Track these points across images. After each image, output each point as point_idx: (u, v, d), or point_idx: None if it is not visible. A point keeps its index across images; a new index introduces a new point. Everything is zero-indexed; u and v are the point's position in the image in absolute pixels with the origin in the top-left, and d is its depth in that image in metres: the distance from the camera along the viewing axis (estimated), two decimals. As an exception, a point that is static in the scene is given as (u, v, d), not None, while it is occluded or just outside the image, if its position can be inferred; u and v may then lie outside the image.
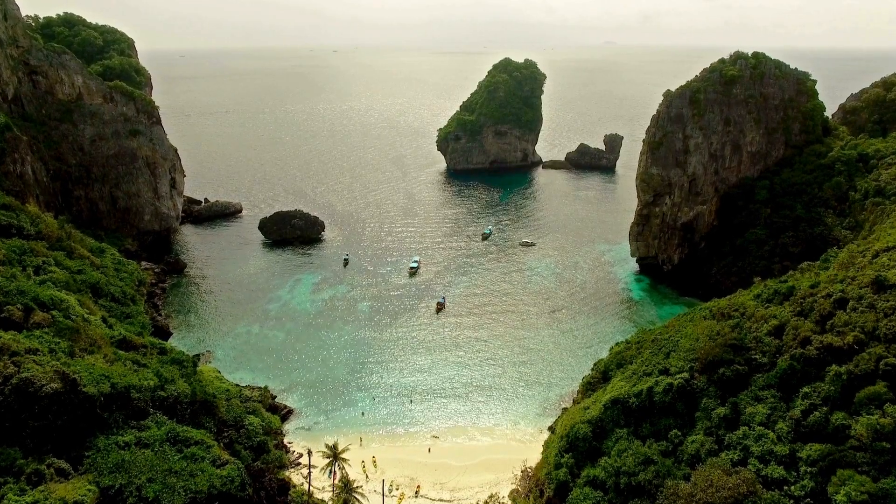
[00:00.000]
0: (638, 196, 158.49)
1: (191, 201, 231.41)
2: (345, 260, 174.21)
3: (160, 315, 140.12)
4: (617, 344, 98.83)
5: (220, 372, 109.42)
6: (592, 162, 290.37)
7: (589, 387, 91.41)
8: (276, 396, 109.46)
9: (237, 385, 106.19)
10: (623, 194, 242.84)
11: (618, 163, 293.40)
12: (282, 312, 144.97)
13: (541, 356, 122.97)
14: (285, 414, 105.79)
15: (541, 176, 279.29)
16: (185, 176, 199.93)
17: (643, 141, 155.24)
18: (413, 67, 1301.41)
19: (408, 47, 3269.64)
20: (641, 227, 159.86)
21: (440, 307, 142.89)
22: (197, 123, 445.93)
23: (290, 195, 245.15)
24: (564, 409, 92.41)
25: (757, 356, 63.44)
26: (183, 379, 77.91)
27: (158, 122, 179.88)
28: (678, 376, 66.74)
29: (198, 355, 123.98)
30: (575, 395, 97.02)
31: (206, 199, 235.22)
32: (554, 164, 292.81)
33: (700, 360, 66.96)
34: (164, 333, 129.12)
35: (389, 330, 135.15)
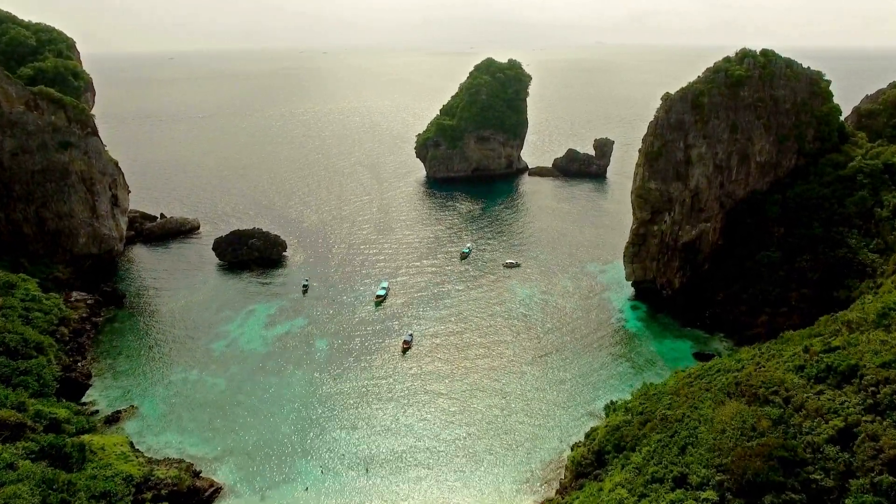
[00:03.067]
0: (633, 213, 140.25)
1: (144, 217, 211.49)
2: (304, 287, 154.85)
3: (83, 360, 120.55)
4: (614, 411, 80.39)
5: (131, 445, 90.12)
6: (582, 168, 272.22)
7: (580, 469, 72.77)
8: (200, 471, 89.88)
9: (150, 461, 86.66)
10: (615, 205, 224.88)
11: (608, 169, 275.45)
12: (227, 353, 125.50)
13: (524, 410, 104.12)
14: (210, 495, 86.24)
15: (526, 184, 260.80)
16: (129, 192, 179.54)
17: (639, 151, 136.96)
18: (401, 69, 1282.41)
19: (399, 48, 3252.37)
20: (637, 248, 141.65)
21: (406, 347, 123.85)
22: (167, 129, 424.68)
23: (256, 209, 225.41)
24: (549, 502, 73.50)
25: (816, 475, 44.89)
26: (41, 487, 58.46)
27: (94, 132, 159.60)
28: (703, 497, 48.05)
29: (118, 412, 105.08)
30: (563, 477, 78.38)
31: (162, 215, 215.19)
32: (540, 171, 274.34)
33: (733, 472, 48.34)
34: (80, 387, 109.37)
35: (347, 376, 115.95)
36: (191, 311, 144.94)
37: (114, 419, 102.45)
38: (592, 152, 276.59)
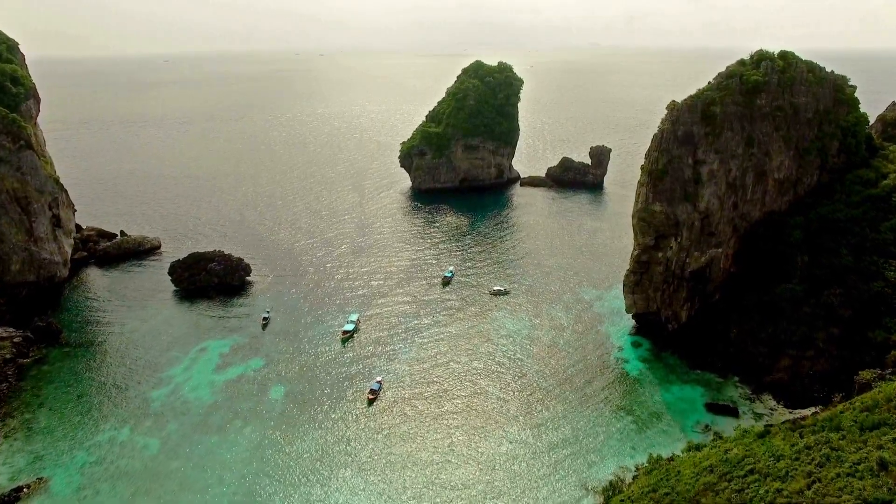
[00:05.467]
0: (635, 238, 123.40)
1: (102, 235, 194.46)
2: (264, 319, 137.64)
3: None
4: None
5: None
6: (577, 178, 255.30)
7: None
8: (103, 577, 72.80)
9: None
10: (612, 220, 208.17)
11: (605, 178, 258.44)
12: (168, 404, 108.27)
13: (507, 484, 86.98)
14: None
15: (518, 195, 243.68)
16: (75, 211, 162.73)
17: (641, 168, 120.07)
18: (394, 71, 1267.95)
19: (394, 50, 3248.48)
20: (639, 277, 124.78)
21: (373, 397, 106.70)
22: (146, 135, 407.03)
23: (224, 226, 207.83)
24: None
25: None
26: None
27: (28, 145, 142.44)
28: None
29: (19, 490, 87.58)
30: None
31: (122, 232, 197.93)
32: (533, 181, 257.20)
33: None
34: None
35: (302, 435, 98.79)
36: (135, 349, 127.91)
37: (11, 500, 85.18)
38: (588, 161, 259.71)
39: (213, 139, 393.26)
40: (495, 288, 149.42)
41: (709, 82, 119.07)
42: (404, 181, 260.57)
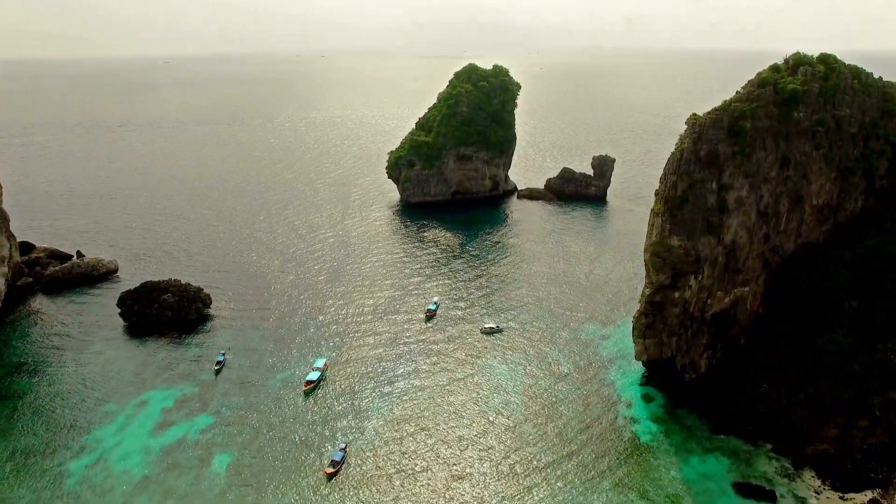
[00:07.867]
0: (648, 275, 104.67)
1: (55, 256, 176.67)
2: (218, 363, 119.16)
3: None
4: None
5: None
6: (578, 190, 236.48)
7: None
8: None
9: None
10: (617, 239, 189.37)
11: (609, 190, 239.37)
12: (86, 480, 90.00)
13: None
14: None
15: (515, 210, 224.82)
16: (13, 239, 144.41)
17: (655, 193, 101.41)
18: (393, 73, 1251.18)
19: (394, 52, 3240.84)
20: (652, 319, 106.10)
21: (334, 470, 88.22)
22: (130, 141, 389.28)
23: (193, 247, 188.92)
24: None
25: None
26: None
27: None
28: None
29: None
30: None
31: (79, 253, 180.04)
32: (531, 194, 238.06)
33: None
34: None
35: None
36: (63, 402, 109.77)
37: None
38: (591, 171, 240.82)
39: (200, 145, 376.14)
40: (487, 325, 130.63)
41: (737, 91, 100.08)
42: (393, 193, 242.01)
